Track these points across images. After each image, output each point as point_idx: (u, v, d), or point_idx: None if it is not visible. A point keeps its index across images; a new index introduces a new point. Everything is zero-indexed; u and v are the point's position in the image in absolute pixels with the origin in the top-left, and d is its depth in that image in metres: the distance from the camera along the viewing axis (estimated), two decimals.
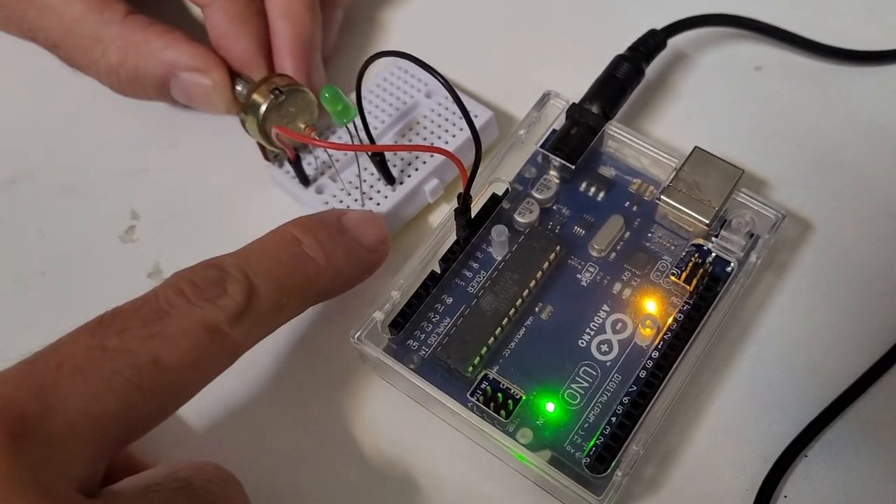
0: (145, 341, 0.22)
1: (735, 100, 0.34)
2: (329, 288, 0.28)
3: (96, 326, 0.22)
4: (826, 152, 0.33)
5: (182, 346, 0.22)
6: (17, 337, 0.31)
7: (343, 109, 0.28)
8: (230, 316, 0.23)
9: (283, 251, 0.26)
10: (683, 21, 0.33)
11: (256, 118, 0.29)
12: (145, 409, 0.22)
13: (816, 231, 0.31)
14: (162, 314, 0.23)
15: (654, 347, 0.28)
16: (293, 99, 0.30)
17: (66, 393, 0.21)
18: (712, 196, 0.29)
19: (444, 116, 0.33)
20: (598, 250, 0.30)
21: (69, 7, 0.31)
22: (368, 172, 0.31)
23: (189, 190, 0.34)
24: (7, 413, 0.20)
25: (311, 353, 0.30)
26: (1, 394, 0.20)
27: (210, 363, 0.24)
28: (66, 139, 0.36)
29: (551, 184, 0.30)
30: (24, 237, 0.34)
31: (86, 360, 0.21)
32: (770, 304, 0.30)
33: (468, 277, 0.29)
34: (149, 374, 0.22)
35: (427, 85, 0.34)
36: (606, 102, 0.31)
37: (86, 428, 0.21)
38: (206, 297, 0.23)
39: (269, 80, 0.30)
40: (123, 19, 0.31)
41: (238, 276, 0.24)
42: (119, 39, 0.31)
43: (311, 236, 0.27)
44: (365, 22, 0.38)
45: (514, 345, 0.28)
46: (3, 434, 0.19)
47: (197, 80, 0.31)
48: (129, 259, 0.33)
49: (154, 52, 0.31)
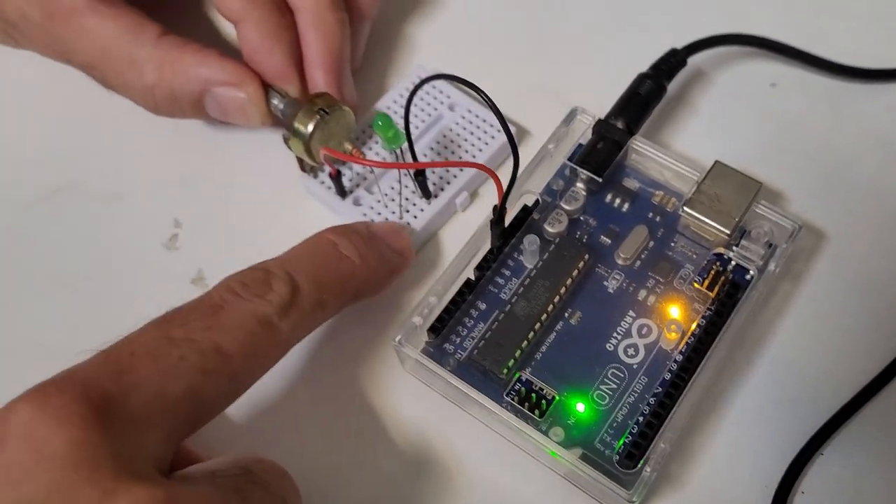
0: (205, 332, 0.24)
1: (751, 115, 0.36)
2: (364, 286, 0.29)
3: (161, 321, 0.24)
4: (839, 166, 0.34)
5: (237, 335, 0.24)
6: (65, 338, 0.32)
7: (394, 135, 0.30)
8: (278, 309, 0.26)
9: (320, 253, 0.28)
10: (703, 41, 0.35)
11: (303, 139, 0.31)
12: (210, 393, 0.24)
13: (830, 241, 0.33)
14: (218, 308, 0.25)
15: (678, 351, 0.29)
16: (335, 117, 0.32)
17: (140, 376, 0.22)
18: (732, 207, 0.30)
19: (468, 130, 0.35)
20: (623, 259, 0.31)
21: (104, 29, 0.32)
22: (403, 185, 0.33)
23: (229, 199, 0.35)
24: (91, 391, 0.21)
25: (351, 357, 0.31)
26: (84, 375, 0.22)
27: (263, 352, 0.25)
28: (110, 149, 0.37)
29: (579, 195, 0.32)
30: (71, 243, 0.35)
31: (155, 348, 0.23)
32: (787, 310, 0.31)
33: (500, 284, 0.31)
34: (212, 360, 0.24)
35: (450, 97, 0.35)
36: (630, 118, 0.33)
37: (159, 409, 0.22)
38: (256, 293, 0.26)
39: (312, 101, 0.31)
40: (157, 40, 0.32)
41: (282, 275, 0.26)
42: (154, 60, 0.32)
43: (346, 238, 0.29)
44: (392, 36, 0.39)
45: (546, 348, 0.30)
46: (89, 410, 0.21)
47: (232, 95, 0.32)
48: (173, 265, 0.34)
49: (188, 69, 0.32)
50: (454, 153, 0.34)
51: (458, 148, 0.34)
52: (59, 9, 0.32)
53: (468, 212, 0.34)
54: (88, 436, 0.20)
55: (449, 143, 0.34)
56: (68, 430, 0.20)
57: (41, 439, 0.20)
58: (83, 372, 0.22)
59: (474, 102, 0.35)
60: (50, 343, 0.33)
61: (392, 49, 0.39)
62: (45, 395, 0.21)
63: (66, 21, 0.32)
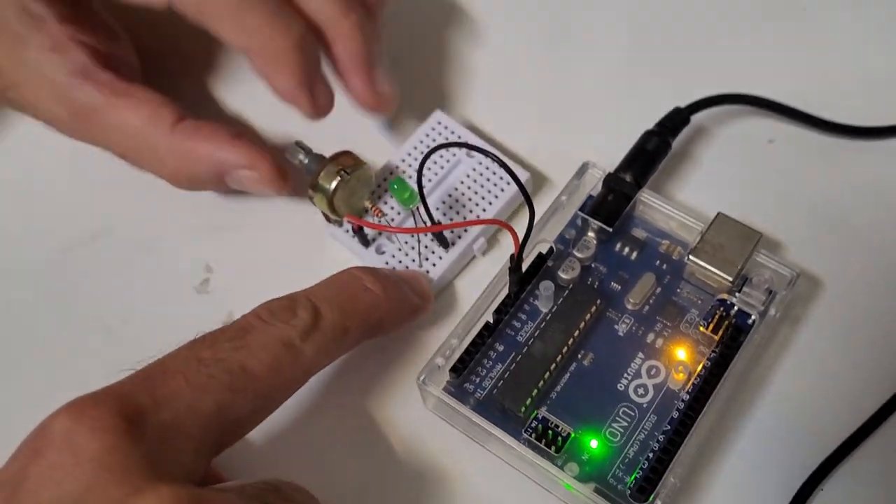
0: (233, 352, 0.26)
1: (751, 169, 0.38)
2: (385, 319, 0.31)
3: (192, 344, 0.27)
4: (835, 217, 0.36)
5: (263, 356, 0.26)
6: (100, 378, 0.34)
7: (409, 196, 0.33)
8: (301, 333, 0.28)
9: (345, 284, 0.30)
10: (704, 100, 0.37)
11: (326, 196, 0.33)
12: (237, 411, 0.26)
13: (827, 289, 0.35)
14: (245, 332, 0.27)
15: (685, 391, 0.31)
16: (356, 176, 0.34)
17: (172, 391, 0.24)
18: (735, 256, 0.32)
19: (485, 176, 0.37)
20: (633, 304, 0.33)
21: (124, 124, 0.34)
22: (418, 238, 0.35)
23: (258, 246, 0.37)
24: (125, 403, 0.23)
25: (375, 394, 0.33)
26: (119, 390, 0.24)
27: (287, 373, 0.27)
28: (143, 198, 0.39)
29: (590, 244, 0.34)
30: (107, 287, 0.37)
31: (186, 366, 0.25)
32: (786, 353, 0.33)
33: (517, 327, 0.33)
34: (239, 379, 0.26)
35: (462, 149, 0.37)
36: (638, 172, 0.35)
37: (190, 422, 0.24)
38: (281, 318, 0.28)
39: (335, 161, 0.34)
40: (172, 130, 0.34)
41: (305, 302, 0.29)
42: (171, 150, 0.34)
43: (370, 274, 0.31)
44: (412, 82, 0.41)
45: (561, 387, 0.31)
46: (122, 419, 0.23)
47: (247, 175, 0.35)
48: (204, 308, 0.36)
49: (204, 158, 0.34)
50: (470, 200, 0.36)
51: (475, 195, 0.36)
52: (81, 108, 0.35)
53: (487, 256, 0.36)
54: (121, 442, 0.23)
55: (466, 189, 0.36)
56: (102, 437, 0.22)
57: (78, 445, 0.22)
58: (118, 387, 0.24)
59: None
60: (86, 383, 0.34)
61: (412, 95, 0.41)
62: (83, 406, 0.23)
63: (89, 119, 0.35)
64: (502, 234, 0.37)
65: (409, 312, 0.33)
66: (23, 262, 0.38)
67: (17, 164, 0.41)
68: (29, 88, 0.35)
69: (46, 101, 0.35)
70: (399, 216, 0.36)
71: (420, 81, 0.42)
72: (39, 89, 0.35)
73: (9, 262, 0.38)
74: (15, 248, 0.38)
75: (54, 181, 0.40)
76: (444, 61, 0.43)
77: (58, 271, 0.37)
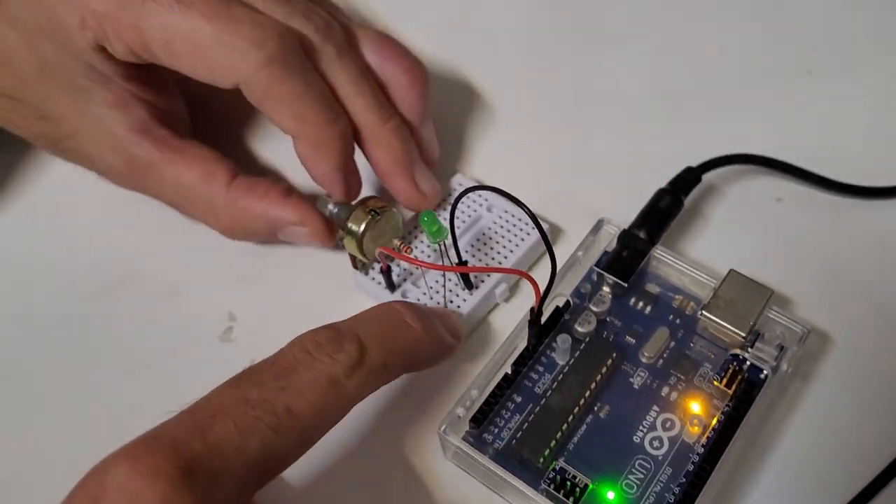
0: (279, 393, 0.27)
1: (760, 227, 0.39)
2: (425, 355, 0.32)
3: (237, 381, 0.27)
4: (843, 274, 0.38)
5: (308, 396, 0.27)
6: (123, 420, 0.35)
7: (438, 230, 0.34)
8: (346, 369, 0.28)
9: (388, 319, 0.31)
10: (715, 160, 0.39)
11: (355, 237, 0.34)
12: (280, 451, 0.26)
13: (836, 345, 0.36)
14: (291, 369, 0.28)
15: (700, 444, 0.32)
16: (385, 218, 0.35)
17: (221, 436, 0.25)
18: (747, 312, 0.33)
19: (506, 228, 0.38)
20: (647, 357, 0.34)
21: (179, 180, 0.37)
22: (447, 278, 0.36)
23: (282, 295, 0.38)
24: (179, 452, 0.24)
25: (394, 441, 0.34)
26: (171, 435, 0.25)
27: (330, 410, 0.28)
28: (170, 247, 0.40)
29: (606, 298, 0.35)
30: (131, 334, 0.38)
31: (234, 408, 0.26)
32: (797, 408, 0.34)
33: (535, 379, 0.34)
34: (284, 421, 0.26)
35: (487, 199, 0.39)
36: (651, 229, 0.36)
37: (237, 466, 0.25)
38: (327, 352, 0.28)
39: (364, 203, 0.35)
40: (227, 189, 0.36)
41: (351, 336, 0.29)
42: (227, 207, 0.37)
43: (411, 311, 0.32)
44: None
45: (578, 439, 0.32)
46: (175, 467, 0.24)
47: (297, 231, 0.37)
48: (227, 357, 0.37)
49: (259, 215, 0.36)
50: (493, 248, 0.38)
51: (497, 244, 0.38)
52: (138, 163, 0.37)
53: (509, 302, 0.38)
54: (176, 490, 0.23)
55: (488, 239, 0.38)
56: (158, 485, 0.23)
57: (135, 493, 0.23)
58: (170, 431, 0.25)
59: (509, 203, 0.38)
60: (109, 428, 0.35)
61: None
62: (138, 453, 0.24)
63: (146, 173, 0.37)
64: (523, 282, 0.38)
65: (444, 351, 0.33)
66: (49, 307, 0.39)
67: (45, 210, 0.42)
68: (89, 139, 0.37)
69: (105, 153, 0.37)
70: (429, 259, 0.37)
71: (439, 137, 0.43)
72: (99, 141, 0.37)
73: (35, 306, 0.39)
74: (41, 292, 0.39)
75: (81, 228, 0.41)
76: (460, 116, 0.44)
77: (83, 316, 0.38)
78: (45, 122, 0.37)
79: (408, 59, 0.37)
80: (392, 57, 0.37)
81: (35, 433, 0.35)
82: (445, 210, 0.39)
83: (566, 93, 0.45)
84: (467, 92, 0.45)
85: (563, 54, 0.47)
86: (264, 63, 0.32)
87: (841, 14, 0.48)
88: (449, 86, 0.46)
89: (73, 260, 0.40)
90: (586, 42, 0.48)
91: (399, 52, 0.37)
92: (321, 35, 0.34)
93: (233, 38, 0.32)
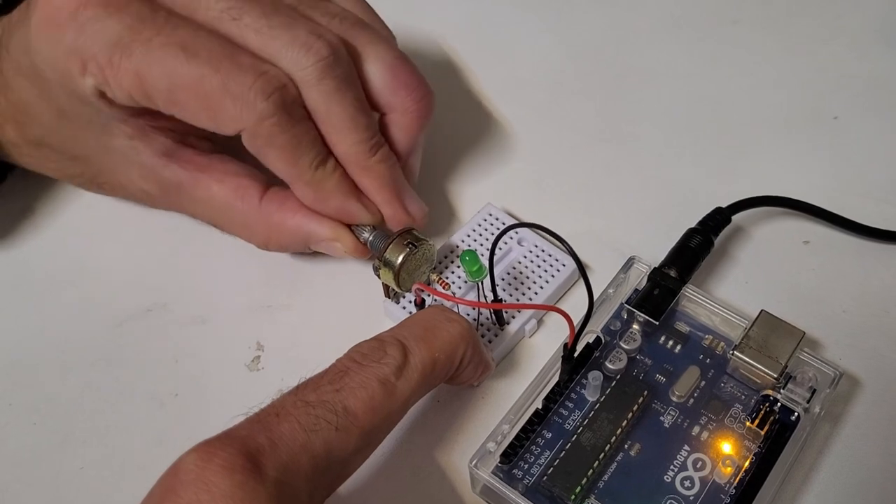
0: (335, 394, 0.28)
1: (786, 268, 0.40)
2: (466, 357, 0.32)
3: (294, 390, 0.28)
4: (869, 318, 0.38)
5: (362, 395, 0.28)
6: (151, 450, 0.35)
7: (478, 269, 0.34)
8: (394, 370, 0.29)
9: (428, 319, 0.32)
10: (744, 201, 0.39)
11: (393, 269, 0.35)
12: (344, 451, 0.27)
13: (865, 388, 0.36)
14: (342, 374, 0.29)
15: (732, 485, 0.32)
16: (421, 250, 0.35)
17: (285, 432, 0.26)
18: (779, 353, 0.33)
19: (536, 263, 0.38)
20: (678, 396, 0.34)
21: (213, 198, 0.37)
22: (479, 312, 0.36)
23: (310, 324, 0.38)
24: (246, 444, 0.25)
25: (421, 477, 0.34)
26: (239, 433, 0.26)
27: (386, 410, 0.29)
28: (197, 276, 0.40)
29: (636, 336, 0.35)
30: (159, 361, 0.38)
31: (294, 408, 0.27)
32: (827, 450, 0.34)
33: (564, 415, 0.33)
34: (343, 419, 0.27)
35: (518, 233, 0.39)
36: (682, 268, 0.36)
37: (305, 461, 0.26)
38: (373, 359, 0.29)
39: (401, 236, 0.35)
40: (260, 204, 0.37)
41: (393, 341, 0.30)
42: (261, 223, 0.37)
43: (453, 311, 0.33)
44: (464, 172, 0.44)
45: (608, 477, 0.32)
46: (247, 459, 0.25)
47: (331, 245, 0.37)
48: (255, 385, 0.37)
49: (293, 230, 0.37)
50: (523, 283, 0.38)
51: (527, 279, 0.38)
52: (169, 185, 0.37)
53: (534, 338, 0.38)
54: (248, 480, 0.24)
55: (518, 273, 0.38)
56: (232, 476, 0.24)
57: (212, 483, 0.24)
58: (239, 430, 0.26)
59: (540, 239, 0.39)
60: (136, 456, 0.35)
61: (464, 185, 0.43)
62: (211, 448, 0.25)
63: (178, 194, 0.38)
64: (548, 317, 0.38)
65: (484, 362, 0.34)
66: (75, 334, 0.39)
67: (73, 236, 0.42)
68: (120, 172, 0.38)
69: (137, 182, 0.38)
70: (460, 290, 0.38)
71: (467, 172, 0.44)
72: (129, 171, 0.37)
73: (62, 333, 0.39)
74: (68, 319, 0.39)
75: (108, 254, 0.41)
76: (490, 153, 0.45)
77: (110, 344, 0.38)
78: (76, 162, 0.38)
79: (420, 88, 0.36)
80: (405, 84, 0.36)
81: (61, 464, 0.35)
82: (458, 229, 0.40)
83: (596, 129, 0.46)
84: (495, 126, 0.46)
85: (594, 91, 0.48)
86: (270, 114, 0.32)
87: (865, 61, 0.48)
88: (478, 119, 0.46)
89: (101, 287, 0.40)
90: (617, 79, 0.48)
91: (413, 80, 0.36)
92: (322, 67, 0.33)
93: (239, 88, 0.32)
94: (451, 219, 0.42)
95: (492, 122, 0.46)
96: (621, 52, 0.50)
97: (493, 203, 0.41)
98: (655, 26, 0.51)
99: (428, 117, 0.37)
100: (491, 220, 0.40)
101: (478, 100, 0.47)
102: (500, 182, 0.43)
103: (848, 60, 0.49)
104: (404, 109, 0.36)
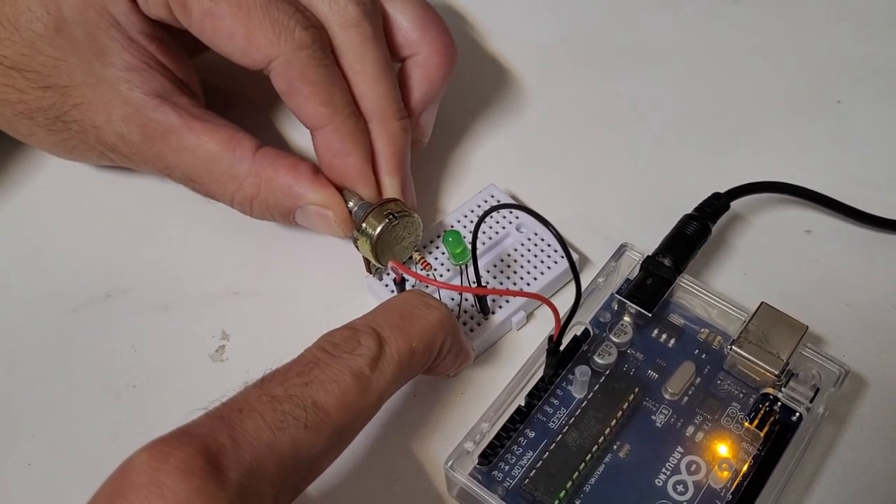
0: (304, 388, 0.25)
1: (787, 258, 0.37)
2: (445, 345, 0.30)
3: (261, 382, 0.26)
4: (874, 312, 0.35)
5: (332, 389, 0.26)
6: (104, 445, 0.33)
7: (461, 252, 0.31)
8: (369, 361, 0.27)
9: (406, 304, 0.29)
10: (743, 187, 0.37)
11: (370, 240, 0.32)
12: (313, 450, 0.25)
13: (870, 386, 0.33)
14: (313, 365, 0.26)
15: (729, 490, 0.29)
16: (403, 223, 0.33)
17: (249, 430, 0.24)
18: (780, 349, 0.31)
19: (533, 252, 0.36)
20: (671, 394, 0.32)
21: (203, 146, 0.34)
22: (464, 298, 0.34)
23: (279, 312, 0.36)
24: (206, 444, 0.23)
25: (395, 479, 0.31)
26: (198, 431, 0.23)
27: (359, 406, 0.26)
28: (160, 261, 0.38)
29: (627, 328, 0.33)
30: (116, 350, 0.35)
31: (260, 404, 0.24)
32: (831, 453, 0.32)
33: (549, 413, 0.31)
34: (312, 415, 0.25)
35: (518, 218, 0.37)
36: (677, 257, 0.34)
37: (270, 462, 0.23)
38: (346, 349, 0.27)
39: (383, 205, 0.33)
40: (254, 156, 0.34)
41: (367, 330, 0.28)
42: (252, 176, 0.34)
43: (431, 296, 0.30)
44: (466, 155, 0.42)
45: (595, 480, 0.30)
46: (206, 461, 0.22)
47: (321, 213, 0.34)
48: (218, 377, 0.34)
49: (284, 188, 0.34)
50: (516, 272, 0.35)
51: (521, 268, 0.35)
52: (156, 129, 0.34)
53: (522, 331, 0.35)
54: (207, 484, 0.22)
55: (512, 262, 0.36)
56: (189, 479, 0.22)
57: (166, 487, 0.22)
58: (198, 427, 0.23)
59: (541, 226, 0.36)
60: (88, 452, 0.33)
61: (466, 167, 0.41)
62: (166, 447, 0.22)
63: (164, 140, 0.34)
64: (538, 311, 0.35)
65: (464, 352, 0.31)
66: (30, 319, 0.36)
67: (30, 216, 0.40)
68: (99, 107, 0.35)
69: (117, 122, 0.35)
70: (448, 272, 0.35)
71: (473, 152, 0.42)
72: (111, 109, 0.35)
73: (14, 318, 0.36)
74: (22, 302, 0.37)
75: (67, 235, 0.39)
76: (483, 130, 0.43)
77: (66, 330, 0.36)
78: (49, 92, 0.35)
79: (447, 38, 0.36)
80: (433, 35, 0.36)
81: (8, 459, 0.32)
82: (465, 216, 0.37)
83: (590, 114, 0.43)
84: (490, 109, 0.44)
85: (589, 75, 0.46)
86: (307, 43, 0.32)
87: (870, 43, 0.46)
88: (472, 102, 0.44)
89: (58, 269, 0.38)
90: (613, 63, 0.46)
91: (440, 31, 0.36)
92: (362, 10, 0.33)
93: (280, 14, 0.31)
94: (448, 197, 0.40)
95: (481, 104, 0.44)
96: (617, 30, 0.48)
97: (496, 184, 0.38)
98: (653, 4, 0.49)
99: (450, 70, 0.37)
100: (492, 203, 0.37)
101: (467, 80, 0.45)
102: (490, 163, 0.41)
103: (853, 42, 0.46)
104: (429, 61, 0.36)
